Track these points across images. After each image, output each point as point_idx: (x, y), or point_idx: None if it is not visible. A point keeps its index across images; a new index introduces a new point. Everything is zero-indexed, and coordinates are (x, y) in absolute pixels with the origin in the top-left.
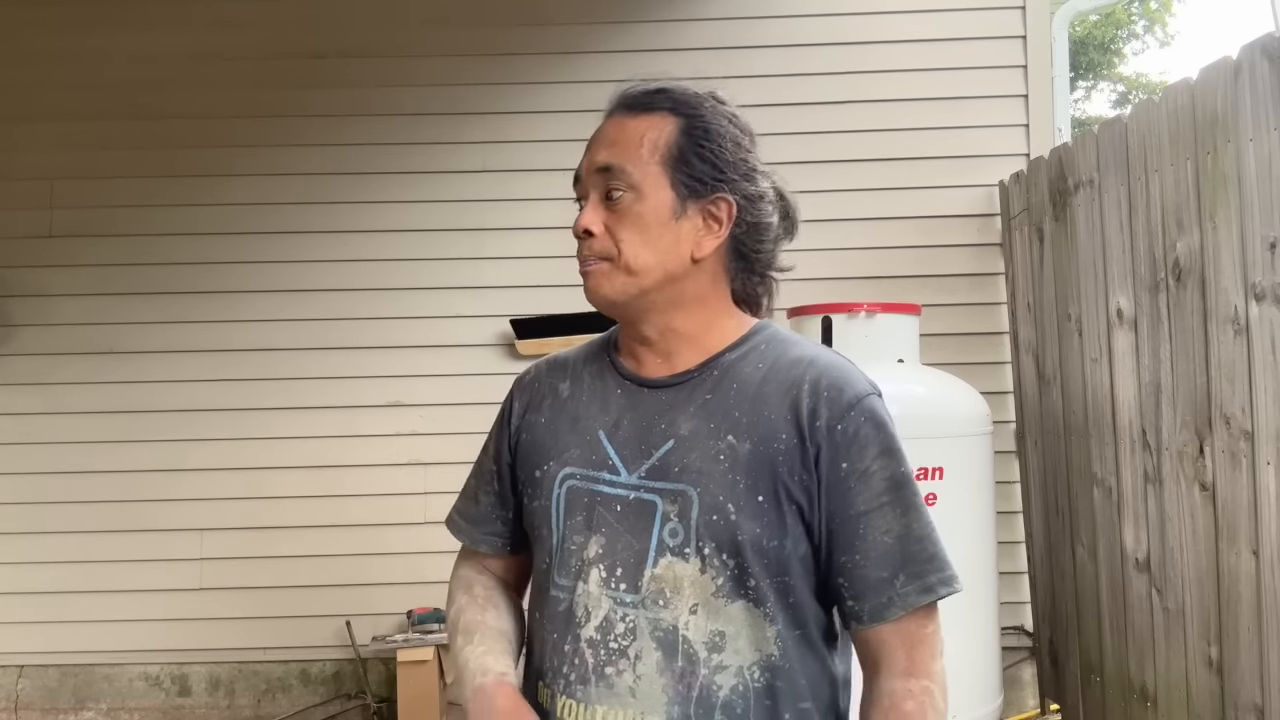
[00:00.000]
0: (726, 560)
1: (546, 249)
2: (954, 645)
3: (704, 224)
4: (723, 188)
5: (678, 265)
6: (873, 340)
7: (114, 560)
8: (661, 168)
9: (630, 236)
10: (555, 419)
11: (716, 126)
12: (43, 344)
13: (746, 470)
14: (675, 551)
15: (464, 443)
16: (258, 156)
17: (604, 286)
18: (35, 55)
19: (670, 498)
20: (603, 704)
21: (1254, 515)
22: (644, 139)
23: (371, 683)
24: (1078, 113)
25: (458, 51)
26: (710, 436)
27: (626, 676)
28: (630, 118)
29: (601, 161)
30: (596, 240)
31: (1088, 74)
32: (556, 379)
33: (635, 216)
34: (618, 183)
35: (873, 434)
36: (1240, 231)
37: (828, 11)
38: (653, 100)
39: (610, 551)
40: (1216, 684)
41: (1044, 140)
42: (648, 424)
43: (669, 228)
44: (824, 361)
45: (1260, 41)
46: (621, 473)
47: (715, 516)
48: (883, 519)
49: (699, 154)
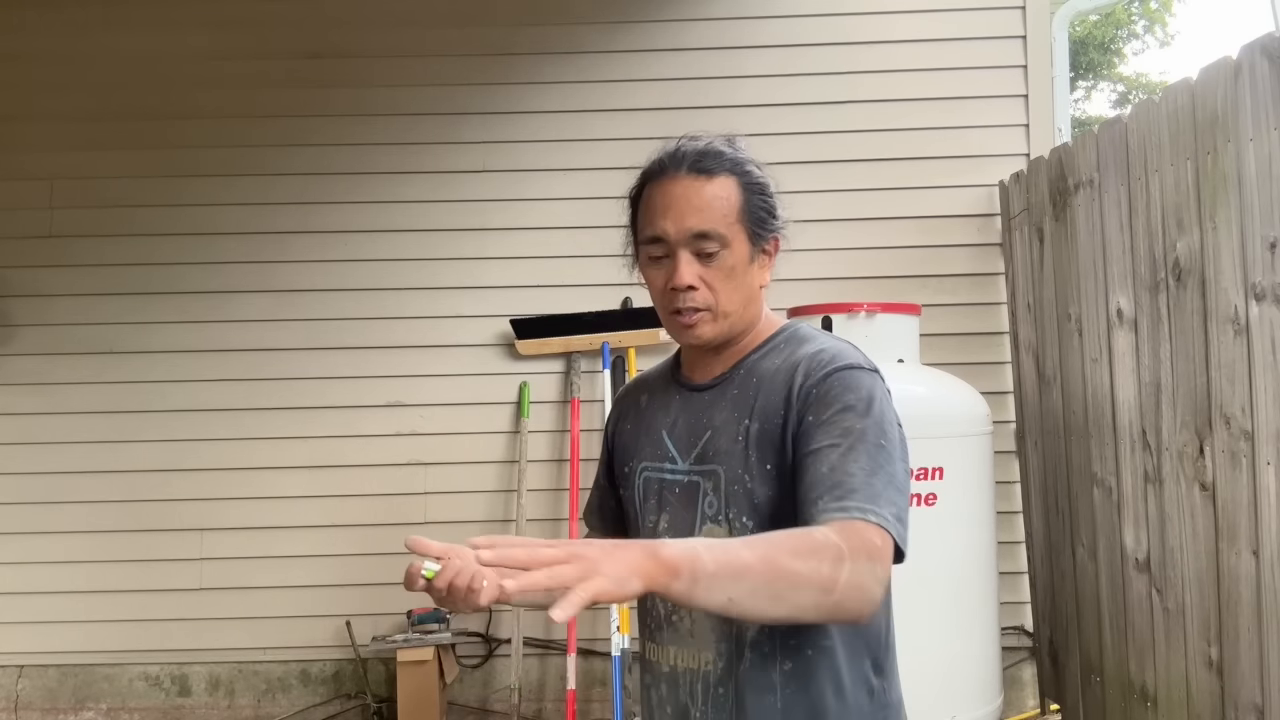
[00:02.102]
0: (747, 522)
1: (547, 249)
2: (954, 645)
3: (764, 260)
4: (775, 228)
5: (752, 298)
6: (873, 340)
7: (114, 560)
8: (740, 225)
9: (724, 287)
10: (636, 426)
11: (759, 178)
12: (43, 344)
13: (757, 445)
14: (713, 519)
15: (464, 443)
16: (258, 156)
17: (708, 333)
18: (35, 55)
19: (709, 477)
20: (673, 645)
21: (1254, 515)
22: (724, 203)
23: (371, 683)
24: (1078, 113)
25: (458, 51)
26: (734, 424)
27: (685, 623)
28: (705, 182)
29: (696, 228)
30: (699, 294)
31: (1088, 74)
32: (640, 394)
33: (729, 270)
34: (713, 244)
35: (842, 393)
36: (1240, 231)
37: (828, 11)
38: (716, 165)
39: (673, 525)
40: (1216, 684)
41: (1044, 140)
42: (695, 420)
43: (748, 272)
44: (828, 345)
45: (1260, 41)
46: (679, 462)
47: (736, 487)
48: (829, 455)
49: (760, 207)
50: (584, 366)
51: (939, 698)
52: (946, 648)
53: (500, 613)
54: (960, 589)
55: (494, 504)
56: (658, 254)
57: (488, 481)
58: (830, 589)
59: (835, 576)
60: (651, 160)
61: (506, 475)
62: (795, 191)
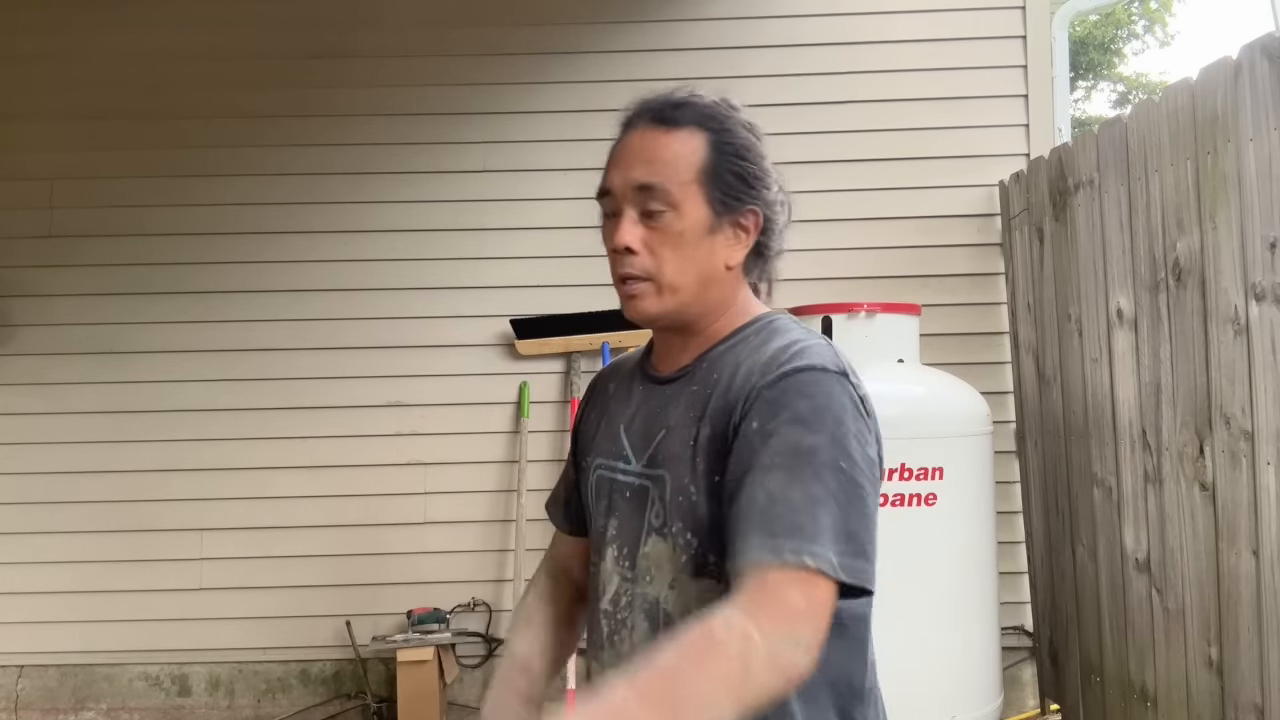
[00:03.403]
0: (690, 539)
1: (546, 249)
2: (954, 645)
3: (734, 235)
4: (752, 200)
5: (711, 277)
6: (873, 340)
7: (114, 560)
8: (699, 186)
9: (670, 255)
10: (600, 416)
11: (741, 140)
12: (43, 344)
13: (706, 452)
14: (658, 531)
15: (464, 443)
16: (258, 156)
17: (650, 308)
18: (35, 55)
19: (657, 483)
20: (612, 667)
21: (1254, 515)
22: (679, 157)
23: (371, 683)
24: (1078, 113)
25: (458, 51)
26: (687, 425)
27: (625, 645)
28: (661, 133)
29: (640, 179)
30: (638, 258)
31: (1088, 74)
32: (609, 380)
33: (675, 235)
34: (658, 202)
35: (793, 399)
36: (1240, 231)
37: (828, 11)
38: (680, 115)
39: (620, 532)
40: (1216, 684)
41: (1044, 140)
42: (652, 417)
43: (704, 243)
44: (795, 341)
45: (1260, 41)
46: (632, 462)
47: (681, 498)
48: (768, 478)
49: (731, 170)
50: (584, 366)
51: (939, 698)
52: (946, 647)
53: (500, 613)
54: (960, 589)
55: (494, 504)
56: (607, 211)
57: (488, 481)
58: (740, 684)
59: (745, 668)
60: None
61: (506, 475)
62: (795, 191)
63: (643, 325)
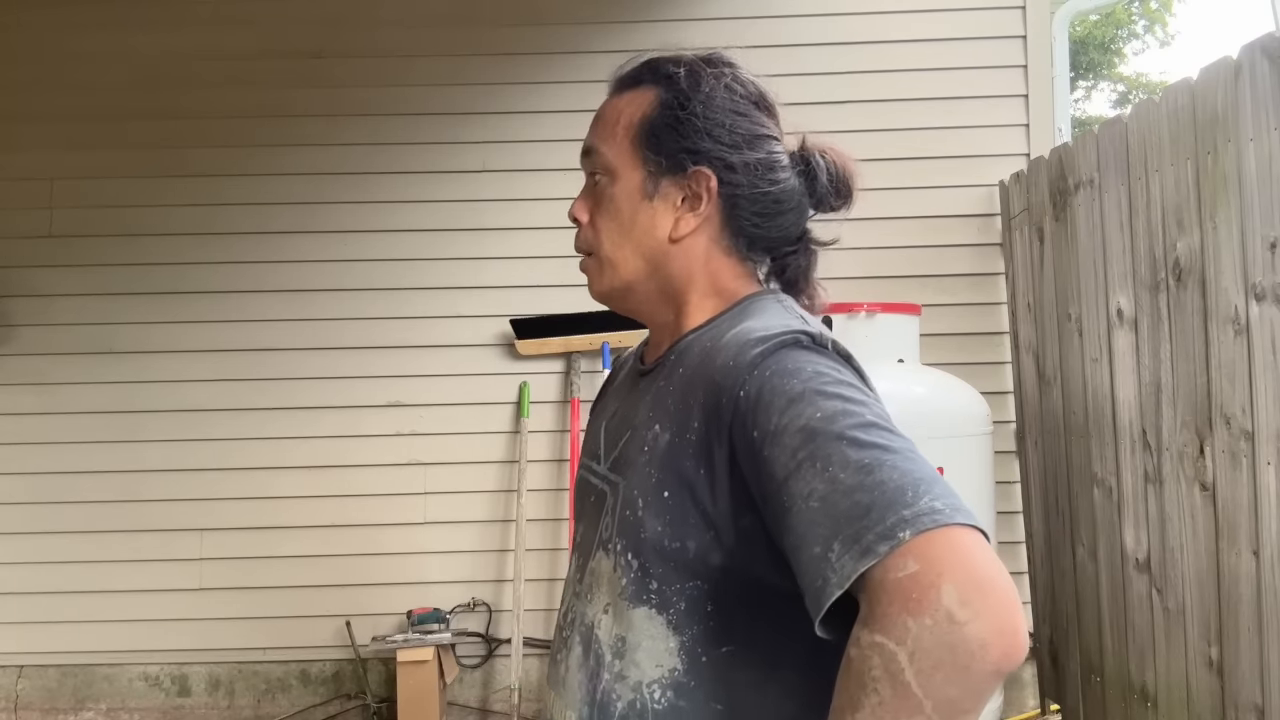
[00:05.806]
0: (631, 560)
1: (546, 249)
2: None
3: (682, 202)
4: (700, 160)
5: (655, 249)
6: (873, 340)
7: (114, 560)
8: (632, 146)
9: (606, 225)
10: (599, 409)
11: (701, 94)
12: (43, 344)
13: (661, 463)
14: (604, 546)
15: (464, 443)
16: (257, 156)
17: (593, 283)
18: (35, 55)
19: (614, 489)
20: (552, 689)
21: (1254, 515)
22: (622, 117)
23: (371, 683)
24: (1078, 113)
25: (458, 51)
26: (647, 426)
27: (562, 666)
28: (618, 96)
29: (584, 144)
30: (582, 230)
31: (1088, 74)
32: (620, 369)
33: (609, 201)
34: (597, 168)
35: (777, 386)
36: (1240, 231)
37: (828, 11)
38: (640, 74)
39: (582, 540)
40: (1217, 684)
41: (1044, 140)
42: (626, 414)
43: (642, 210)
44: (756, 329)
45: (1260, 41)
46: (601, 462)
47: (627, 512)
48: (803, 481)
49: (673, 126)
50: (584, 366)
51: None
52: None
53: (500, 613)
54: None
55: (494, 504)
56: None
57: (488, 481)
58: (904, 697)
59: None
60: None
61: (506, 475)
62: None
63: (602, 304)
